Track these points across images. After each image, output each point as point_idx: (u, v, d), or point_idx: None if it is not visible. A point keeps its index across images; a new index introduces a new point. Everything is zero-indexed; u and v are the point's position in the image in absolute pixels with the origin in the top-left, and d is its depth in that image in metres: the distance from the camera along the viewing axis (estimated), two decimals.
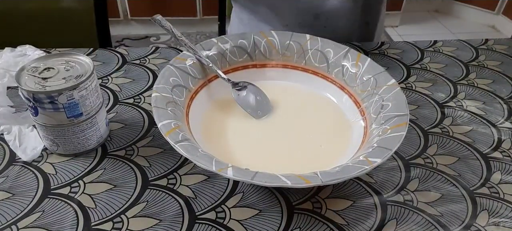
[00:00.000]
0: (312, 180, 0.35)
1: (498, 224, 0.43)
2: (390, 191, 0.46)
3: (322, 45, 0.55)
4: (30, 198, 0.43)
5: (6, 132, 0.50)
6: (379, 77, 0.50)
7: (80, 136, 0.47)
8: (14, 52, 0.63)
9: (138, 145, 0.51)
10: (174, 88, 0.47)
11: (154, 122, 0.52)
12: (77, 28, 0.95)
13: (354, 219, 0.43)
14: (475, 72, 0.70)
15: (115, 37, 2.31)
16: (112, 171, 0.47)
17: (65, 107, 0.44)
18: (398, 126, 0.42)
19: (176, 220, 0.42)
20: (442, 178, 0.48)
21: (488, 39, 0.81)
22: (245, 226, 0.42)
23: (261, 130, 0.50)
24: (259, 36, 0.56)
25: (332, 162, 0.44)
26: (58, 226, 0.41)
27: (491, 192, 0.47)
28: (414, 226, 0.42)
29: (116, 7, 2.29)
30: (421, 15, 2.76)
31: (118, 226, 0.41)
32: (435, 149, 0.53)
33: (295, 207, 0.44)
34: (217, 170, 0.36)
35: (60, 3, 0.95)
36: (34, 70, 0.45)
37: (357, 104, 0.51)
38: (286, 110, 0.53)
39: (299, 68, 0.57)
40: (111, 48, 0.72)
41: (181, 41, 0.51)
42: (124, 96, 0.60)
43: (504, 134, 0.56)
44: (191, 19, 2.37)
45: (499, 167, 0.50)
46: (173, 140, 0.38)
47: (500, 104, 0.62)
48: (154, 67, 0.67)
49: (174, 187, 0.46)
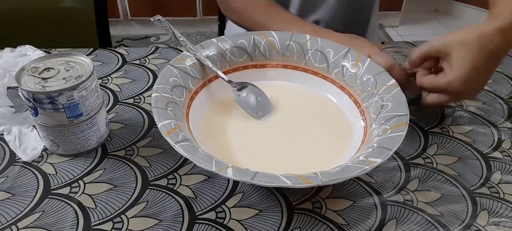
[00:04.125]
0: (312, 180, 0.35)
1: (498, 224, 0.43)
2: (390, 191, 0.46)
3: (322, 45, 0.55)
4: (30, 198, 0.43)
5: (6, 132, 0.50)
6: (379, 77, 0.50)
7: (80, 136, 0.47)
8: (14, 52, 0.63)
9: (138, 145, 0.51)
10: (174, 89, 0.47)
11: (154, 122, 0.52)
12: (77, 28, 0.95)
13: (354, 219, 0.43)
14: None
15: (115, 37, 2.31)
16: (112, 171, 0.47)
17: (65, 108, 0.44)
18: (398, 126, 0.42)
19: (176, 220, 0.42)
20: (442, 178, 0.48)
21: None
22: (245, 226, 0.42)
23: (261, 130, 0.50)
24: (259, 36, 0.56)
25: (332, 162, 0.44)
26: (58, 226, 0.41)
27: (491, 192, 0.47)
28: (414, 226, 0.42)
29: (116, 7, 2.29)
30: (421, 15, 2.76)
31: (118, 226, 0.41)
32: (435, 149, 0.53)
33: (295, 207, 0.44)
34: (217, 170, 0.36)
35: (60, 3, 0.95)
36: (34, 70, 0.45)
37: (357, 105, 0.51)
38: (286, 110, 0.53)
39: (299, 68, 0.57)
40: (111, 48, 0.72)
41: (181, 41, 0.51)
42: (124, 97, 0.60)
43: (504, 134, 0.56)
44: (191, 19, 2.37)
45: (499, 167, 0.50)
46: (173, 140, 0.38)
47: (500, 104, 0.62)
48: (154, 68, 0.67)
49: (174, 187, 0.46)
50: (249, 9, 0.68)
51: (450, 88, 0.49)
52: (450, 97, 0.50)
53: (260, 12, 0.67)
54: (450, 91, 0.49)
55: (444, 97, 0.50)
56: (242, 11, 0.70)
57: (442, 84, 0.49)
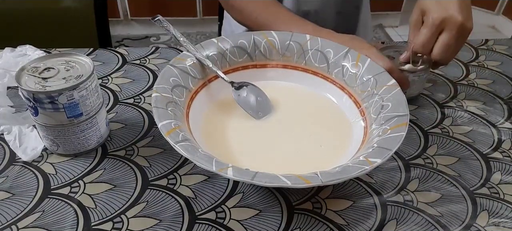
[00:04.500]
0: (312, 180, 0.35)
1: (498, 224, 0.43)
2: (390, 191, 0.46)
3: (322, 45, 0.55)
4: (30, 198, 0.43)
5: (6, 132, 0.50)
6: (379, 77, 0.50)
7: (80, 136, 0.47)
8: (14, 52, 0.63)
9: (138, 145, 0.51)
10: (174, 89, 0.47)
11: (154, 122, 0.52)
12: (77, 28, 0.95)
13: (354, 219, 0.43)
14: (475, 73, 0.70)
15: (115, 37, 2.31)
16: (112, 171, 0.47)
17: (65, 107, 0.44)
18: (398, 126, 0.42)
19: (176, 220, 0.42)
20: (442, 178, 0.48)
21: (488, 39, 0.81)
22: (245, 226, 0.42)
23: (261, 130, 0.50)
24: (259, 36, 0.56)
25: (332, 162, 0.44)
26: (58, 226, 0.41)
27: (491, 192, 0.47)
28: (414, 226, 0.42)
29: (116, 7, 2.29)
30: None
31: (118, 226, 0.41)
32: (435, 149, 0.53)
33: (295, 207, 0.44)
34: (217, 170, 0.36)
35: (60, 3, 0.95)
36: (34, 70, 0.45)
37: (357, 105, 0.51)
38: (286, 110, 0.53)
39: (299, 68, 0.57)
40: (111, 48, 0.72)
41: (181, 41, 0.51)
42: (124, 96, 0.60)
43: (504, 134, 0.56)
44: (191, 19, 2.37)
45: (499, 167, 0.50)
46: (173, 140, 0.38)
47: (500, 104, 0.62)
48: (154, 67, 0.67)
49: (174, 187, 0.46)
50: (251, 7, 0.68)
51: (450, 20, 0.51)
52: (452, 33, 0.52)
53: (261, 11, 0.67)
54: (452, 24, 0.51)
55: (448, 36, 0.52)
56: (243, 9, 0.70)
57: (437, 22, 0.52)
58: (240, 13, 0.71)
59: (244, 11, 0.70)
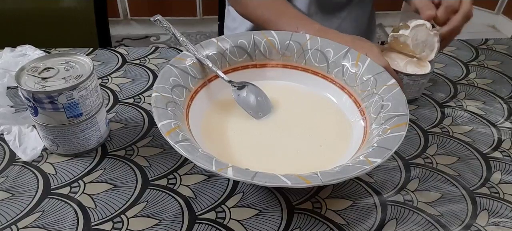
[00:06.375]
0: (312, 180, 0.35)
1: (498, 224, 0.43)
2: (390, 191, 0.46)
3: (322, 45, 0.55)
4: (30, 198, 0.43)
5: (6, 132, 0.50)
6: (379, 77, 0.50)
7: (80, 136, 0.47)
8: (14, 52, 0.62)
9: (138, 145, 0.51)
10: (174, 88, 0.47)
11: (154, 122, 0.52)
12: (77, 28, 0.95)
13: (354, 219, 0.43)
14: (475, 72, 0.70)
15: (115, 37, 2.31)
16: (112, 171, 0.47)
17: (65, 107, 0.44)
18: (398, 125, 0.42)
19: (176, 220, 0.42)
20: (442, 178, 0.48)
21: (488, 39, 0.81)
22: (245, 226, 0.42)
23: (261, 130, 0.50)
24: (259, 36, 0.56)
25: (332, 162, 0.44)
26: (58, 226, 0.41)
27: (491, 192, 0.47)
28: (414, 226, 0.42)
29: (116, 7, 2.28)
30: None
31: (118, 226, 0.41)
32: (435, 149, 0.53)
33: (295, 207, 0.44)
34: (217, 170, 0.36)
35: (60, 3, 0.95)
36: (34, 70, 0.45)
37: (357, 104, 0.51)
38: (286, 110, 0.53)
39: (299, 68, 0.56)
40: (111, 48, 0.72)
41: (181, 41, 0.51)
42: (124, 96, 0.60)
43: (504, 134, 0.56)
44: (191, 19, 2.37)
45: (499, 167, 0.50)
46: (173, 140, 0.38)
47: (500, 104, 0.62)
48: (154, 67, 0.67)
49: (174, 187, 0.46)
50: (256, 2, 0.68)
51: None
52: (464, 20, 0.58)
53: (266, 7, 0.66)
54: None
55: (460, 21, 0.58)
56: (248, 3, 0.69)
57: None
58: (245, 7, 0.70)
59: (249, 5, 0.69)
